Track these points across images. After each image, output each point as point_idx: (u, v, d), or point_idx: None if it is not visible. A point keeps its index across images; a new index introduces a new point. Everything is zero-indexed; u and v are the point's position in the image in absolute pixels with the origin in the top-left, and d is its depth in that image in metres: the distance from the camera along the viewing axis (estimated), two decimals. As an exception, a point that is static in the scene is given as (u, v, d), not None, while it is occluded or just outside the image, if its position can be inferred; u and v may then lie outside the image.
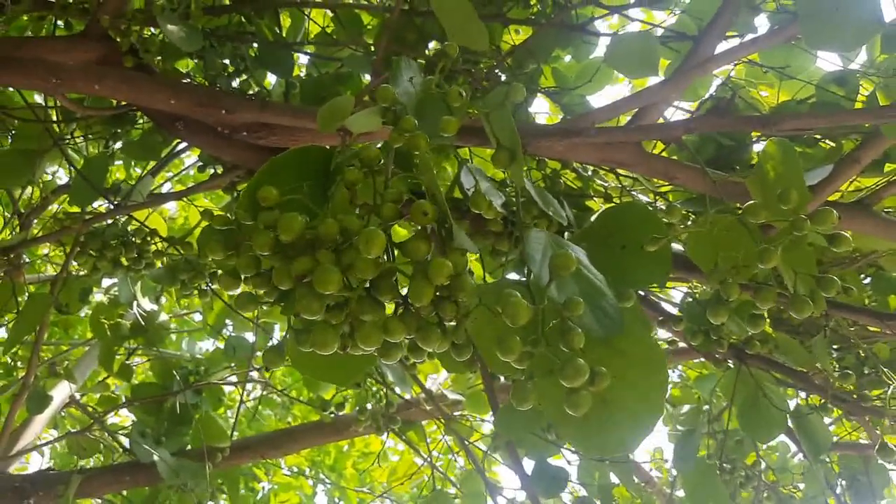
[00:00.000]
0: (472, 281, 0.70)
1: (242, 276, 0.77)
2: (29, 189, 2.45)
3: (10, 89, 2.00)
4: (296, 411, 4.35)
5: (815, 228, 0.80)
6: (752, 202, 0.85)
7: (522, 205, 1.06)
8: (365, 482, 5.11)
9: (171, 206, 4.11)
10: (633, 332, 0.76)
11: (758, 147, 1.51)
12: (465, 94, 0.87)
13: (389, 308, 0.75)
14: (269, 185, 0.74)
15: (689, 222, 1.26)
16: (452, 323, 0.73)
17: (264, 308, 0.80)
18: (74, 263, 1.89)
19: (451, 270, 0.67)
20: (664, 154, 1.43)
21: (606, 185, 1.70)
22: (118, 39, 1.52)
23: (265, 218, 0.73)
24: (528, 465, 1.54)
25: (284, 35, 1.89)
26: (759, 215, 0.84)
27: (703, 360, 2.16)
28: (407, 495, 4.83)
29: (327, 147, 0.84)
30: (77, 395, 2.83)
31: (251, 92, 1.65)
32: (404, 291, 0.74)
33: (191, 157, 2.83)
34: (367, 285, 0.72)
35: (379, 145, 0.83)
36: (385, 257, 0.72)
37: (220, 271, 1.74)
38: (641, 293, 1.65)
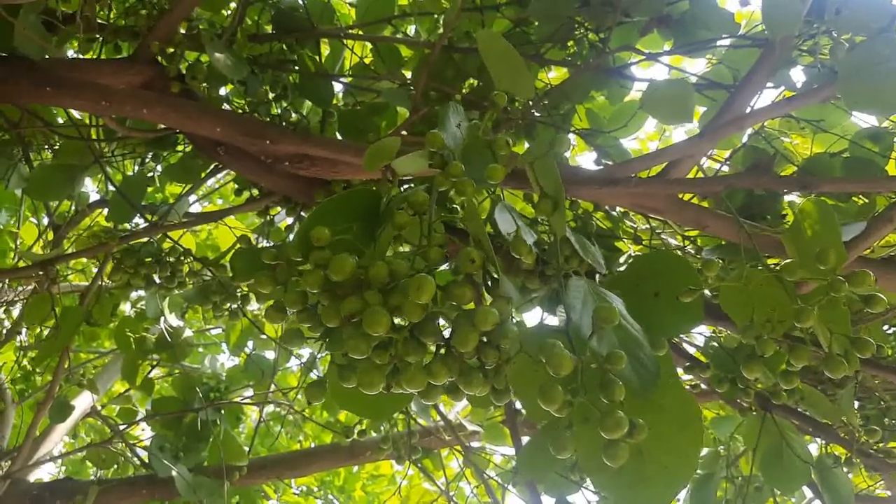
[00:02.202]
0: (514, 328, 0.72)
1: (288, 311, 0.79)
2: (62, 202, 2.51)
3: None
4: (308, 429, 4.36)
5: (853, 290, 0.81)
6: (789, 261, 0.86)
7: (556, 246, 1.08)
8: (373, 505, 5.09)
9: (195, 221, 4.18)
10: (668, 385, 0.77)
11: (789, 198, 1.53)
12: (511, 143, 0.90)
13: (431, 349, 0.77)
14: (320, 225, 0.77)
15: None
16: (493, 368, 0.75)
17: (308, 342, 0.82)
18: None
19: (497, 319, 0.69)
20: (695, 201, 1.44)
21: (636, 226, 1.71)
22: (166, 65, 1.56)
23: (317, 257, 0.75)
24: (547, 501, 1.54)
25: (323, 64, 1.94)
26: (796, 273, 0.85)
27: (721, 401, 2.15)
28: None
29: (375, 189, 0.87)
30: (98, 406, 2.86)
31: (291, 120, 1.69)
32: (446, 334, 0.76)
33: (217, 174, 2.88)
34: (411, 327, 0.74)
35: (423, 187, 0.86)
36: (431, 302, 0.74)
37: (252, 295, 1.77)
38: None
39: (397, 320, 0.74)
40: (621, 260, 1.70)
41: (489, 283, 0.79)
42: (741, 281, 0.94)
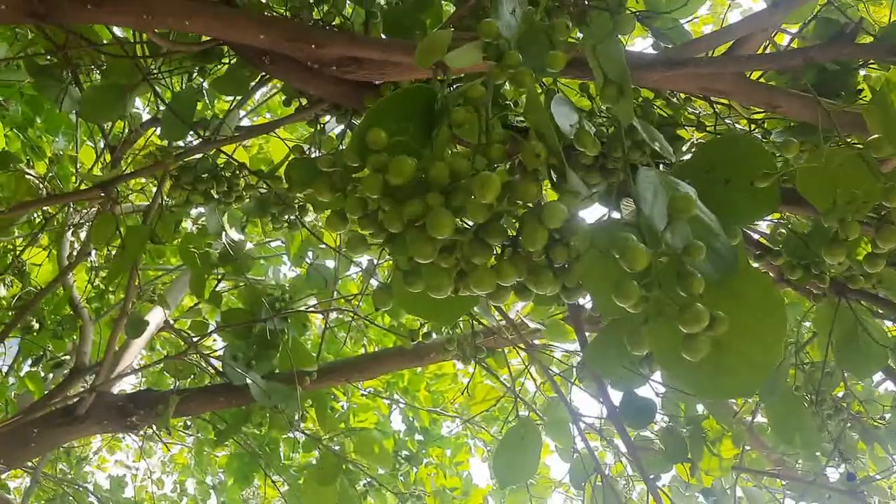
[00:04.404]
0: (585, 224, 0.69)
1: (349, 218, 0.78)
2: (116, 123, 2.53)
3: (99, 26, 2.03)
4: (371, 335, 4.46)
5: (948, 164, 0.75)
6: (876, 136, 0.80)
7: (617, 137, 1.04)
8: (437, 403, 5.25)
9: (246, 136, 4.18)
10: (746, 273, 0.74)
11: (864, 73, 1.43)
12: (570, 26, 0.84)
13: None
14: (376, 127, 0.74)
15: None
16: (563, 266, 0.72)
17: (371, 249, 0.81)
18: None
19: (565, 214, 0.66)
20: (763, 81, 1.36)
21: (698, 112, 1.63)
22: (205, -27, 1.51)
23: (375, 161, 0.72)
24: (615, 395, 1.55)
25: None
26: (884, 150, 0.80)
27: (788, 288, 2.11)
28: (479, 418, 4.96)
29: (430, 87, 0.83)
30: (170, 321, 2.96)
31: (335, 23, 1.63)
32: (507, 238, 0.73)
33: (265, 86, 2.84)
34: (476, 228, 0.72)
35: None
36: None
37: (309, 205, 1.77)
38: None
39: (461, 222, 0.72)
40: (683, 148, 1.64)
41: (554, 178, 0.75)
42: (821, 161, 0.89)
